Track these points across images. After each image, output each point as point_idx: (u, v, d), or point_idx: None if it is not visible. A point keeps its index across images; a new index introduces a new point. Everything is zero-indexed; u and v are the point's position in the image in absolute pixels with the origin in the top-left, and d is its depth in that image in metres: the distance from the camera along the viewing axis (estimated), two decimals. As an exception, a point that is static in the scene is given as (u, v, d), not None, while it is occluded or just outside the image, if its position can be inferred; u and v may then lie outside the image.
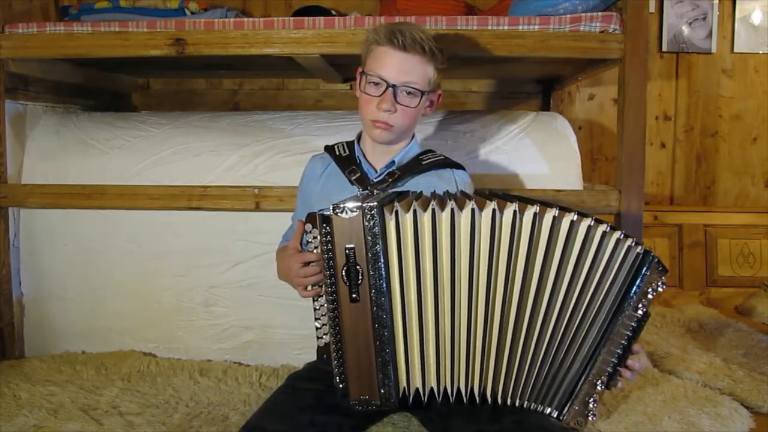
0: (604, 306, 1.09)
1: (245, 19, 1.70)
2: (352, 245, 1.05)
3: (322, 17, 1.67)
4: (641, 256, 1.08)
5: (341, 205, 1.04)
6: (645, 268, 1.08)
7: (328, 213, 1.05)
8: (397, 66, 1.24)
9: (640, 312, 1.10)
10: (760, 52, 2.66)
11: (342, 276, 1.06)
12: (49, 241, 1.79)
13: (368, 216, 1.04)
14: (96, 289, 1.78)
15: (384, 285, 1.06)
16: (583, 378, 1.12)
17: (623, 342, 1.11)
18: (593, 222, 1.07)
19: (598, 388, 1.12)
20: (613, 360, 1.12)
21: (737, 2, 2.63)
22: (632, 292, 1.09)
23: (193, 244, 1.75)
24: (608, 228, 1.07)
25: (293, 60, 1.77)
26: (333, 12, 1.95)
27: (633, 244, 1.08)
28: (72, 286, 1.79)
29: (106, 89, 2.40)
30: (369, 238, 1.04)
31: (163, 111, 2.22)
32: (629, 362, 1.13)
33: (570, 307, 1.09)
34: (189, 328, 1.77)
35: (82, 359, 1.72)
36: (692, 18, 2.63)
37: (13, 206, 1.79)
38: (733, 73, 2.68)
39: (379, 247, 1.05)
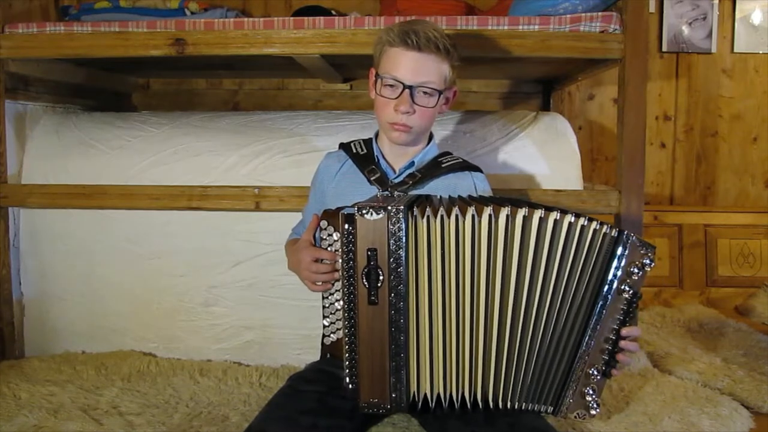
0: (585, 294, 1.09)
1: (245, 19, 1.70)
2: (374, 247, 1.05)
3: (322, 17, 1.67)
4: (614, 238, 1.08)
5: (366, 206, 1.04)
6: (621, 249, 1.07)
7: (352, 212, 1.05)
8: (412, 67, 1.23)
9: (626, 294, 1.08)
10: (760, 52, 2.65)
11: (362, 278, 1.06)
12: (49, 241, 1.79)
13: (393, 219, 1.04)
14: (96, 289, 1.78)
15: (403, 289, 1.06)
16: (572, 369, 1.11)
17: (615, 327, 1.10)
18: (574, 218, 1.07)
19: (595, 377, 1.11)
20: (607, 347, 1.10)
21: (737, 2, 2.63)
22: (611, 274, 1.08)
23: (193, 244, 1.75)
24: (586, 221, 1.07)
25: (293, 60, 1.77)
26: (333, 12, 1.95)
27: (607, 230, 1.07)
28: (72, 286, 1.79)
29: (106, 89, 2.40)
30: (392, 241, 1.04)
31: (163, 111, 2.22)
32: (622, 343, 1.11)
33: (556, 301, 1.09)
34: (189, 328, 1.77)
35: (82, 359, 1.72)
36: (692, 18, 2.63)
37: (13, 206, 1.79)
38: (733, 73, 2.67)
39: (402, 251, 1.05)
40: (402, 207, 1.04)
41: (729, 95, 2.68)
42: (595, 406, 1.12)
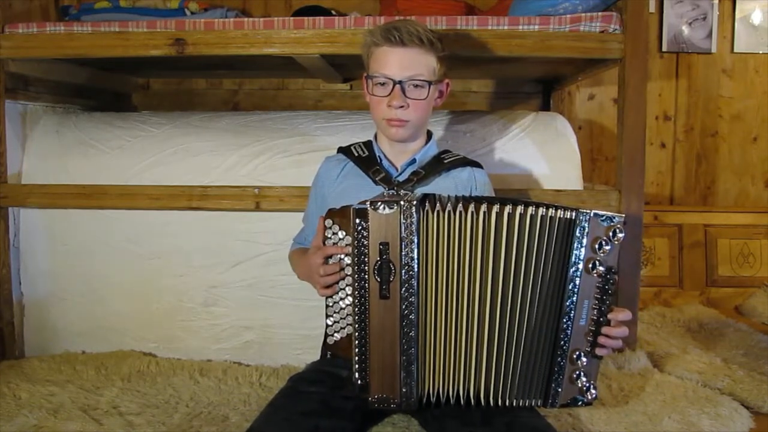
0: (554, 278, 1.08)
1: (245, 19, 1.70)
2: (387, 241, 1.06)
3: (322, 17, 1.67)
4: (570, 220, 1.07)
5: (378, 201, 1.05)
6: (579, 229, 1.06)
7: (364, 207, 1.06)
8: (398, 62, 1.25)
9: (598, 272, 1.07)
10: (760, 52, 2.65)
11: (374, 272, 1.06)
12: (49, 241, 1.79)
13: (406, 213, 1.05)
14: (96, 289, 1.78)
15: (415, 283, 1.07)
16: (554, 357, 1.10)
17: (594, 306, 1.08)
18: (545, 209, 1.07)
19: (582, 361, 1.09)
20: (590, 328, 1.09)
21: (737, 2, 2.63)
22: (573, 255, 1.07)
23: (193, 244, 1.75)
24: (553, 210, 1.07)
25: (293, 60, 1.77)
26: (333, 12, 1.95)
27: (569, 214, 1.07)
28: (72, 286, 1.79)
29: (106, 89, 2.40)
30: (404, 235, 1.05)
31: (163, 111, 2.22)
32: (605, 329, 1.09)
33: (535, 291, 1.09)
34: (189, 328, 1.77)
35: (82, 359, 1.72)
36: (692, 18, 2.63)
37: (13, 206, 1.79)
38: (733, 73, 2.67)
39: (414, 245, 1.06)
40: (415, 201, 1.06)
41: (729, 95, 2.68)
42: (590, 389, 1.10)
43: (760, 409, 1.48)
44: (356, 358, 1.10)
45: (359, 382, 1.11)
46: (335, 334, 1.17)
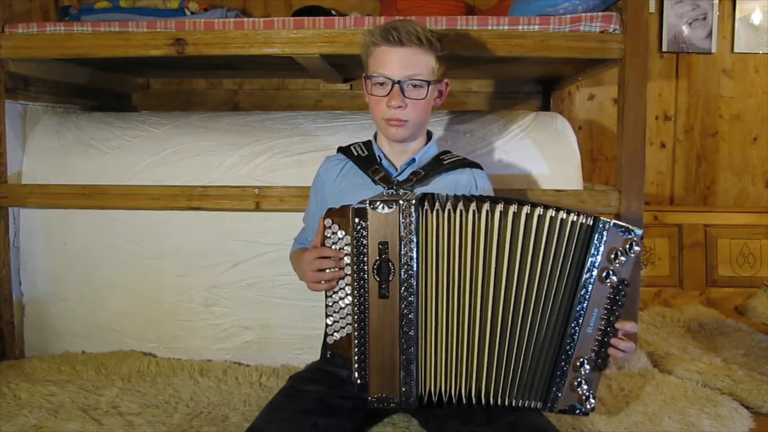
0: (565, 283, 1.08)
1: (245, 19, 1.70)
2: (386, 240, 1.06)
3: (322, 17, 1.67)
4: (589, 226, 1.07)
5: (377, 200, 1.05)
6: (598, 236, 1.06)
7: (363, 207, 1.06)
8: (397, 61, 1.25)
9: (610, 282, 1.06)
10: (760, 52, 2.65)
11: (373, 271, 1.06)
12: (49, 241, 1.79)
13: (405, 213, 1.05)
14: (96, 289, 1.78)
15: (414, 283, 1.07)
16: (558, 361, 1.10)
17: (603, 316, 1.08)
18: (554, 211, 1.07)
19: (585, 369, 1.09)
20: (596, 337, 1.09)
21: (737, 2, 2.63)
22: (588, 262, 1.07)
23: (193, 244, 1.75)
24: (565, 213, 1.07)
25: (293, 60, 1.77)
26: (333, 12, 1.95)
27: (583, 219, 1.07)
28: (72, 286, 1.79)
29: (106, 89, 2.40)
30: (404, 234, 1.05)
31: (163, 111, 2.22)
32: (613, 341, 1.09)
33: (541, 292, 1.09)
34: (189, 328, 1.77)
35: (82, 359, 1.72)
36: (692, 18, 2.63)
37: (13, 206, 1.79)
38: (733, 73, 2.67)
39: (413, 245, 1.06)
40: (414, 201, 1.05)
41: (729, 95, 2.68)
42: (590, 398, 1.10)
43: (760, 409, 1.48)
44: (356, 357, 1.10)
45: (359, 381, 1.11)
46: (335, 334, 1.17)
